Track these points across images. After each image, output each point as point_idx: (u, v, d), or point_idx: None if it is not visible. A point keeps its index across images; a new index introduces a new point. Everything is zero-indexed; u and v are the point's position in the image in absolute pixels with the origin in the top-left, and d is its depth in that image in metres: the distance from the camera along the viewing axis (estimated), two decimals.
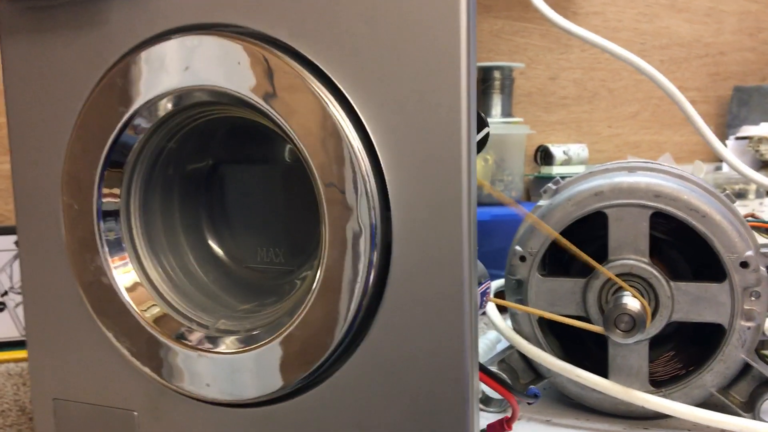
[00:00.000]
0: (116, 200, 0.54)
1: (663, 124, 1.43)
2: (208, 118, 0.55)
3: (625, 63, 0.83)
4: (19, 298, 1.04)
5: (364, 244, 0.46)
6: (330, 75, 0.47)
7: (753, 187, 1.23)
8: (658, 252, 0.69)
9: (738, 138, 1.34)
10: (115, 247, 0.54)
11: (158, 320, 0.54)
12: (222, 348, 0.52)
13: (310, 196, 0.57)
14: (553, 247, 0.70)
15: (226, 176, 0.63)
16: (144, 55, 0.50)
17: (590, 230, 0.70)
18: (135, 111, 0.52)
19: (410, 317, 0.46)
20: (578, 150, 1.31)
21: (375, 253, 0.46)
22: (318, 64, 0.47)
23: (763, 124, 1.34)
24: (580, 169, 1.29)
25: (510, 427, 0.55)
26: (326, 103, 0.46)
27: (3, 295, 1.03)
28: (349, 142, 0.45)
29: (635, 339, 0.64)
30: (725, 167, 1.37)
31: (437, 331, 0.45)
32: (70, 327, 0.57)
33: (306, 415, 0.50)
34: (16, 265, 1.04)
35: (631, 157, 1.39)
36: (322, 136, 0.46)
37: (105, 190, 0.53)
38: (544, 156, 1.31)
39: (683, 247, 0.72)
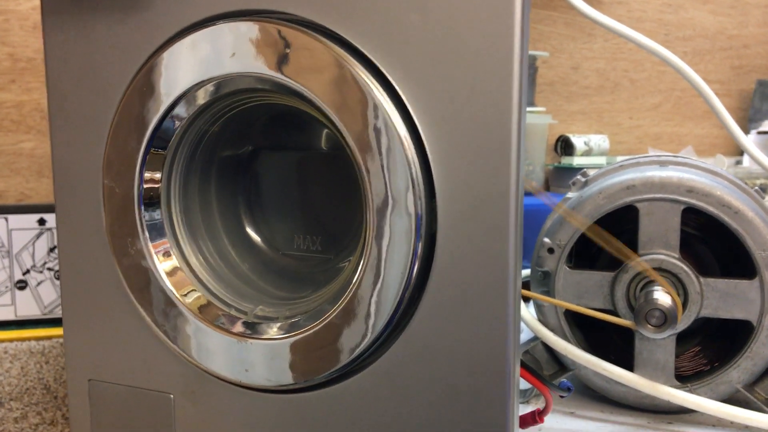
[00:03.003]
0: (157, 185, 0.55)
1: (684, 117, 1.42)
2: (250, 104, 0.55)
3: (649, 53, 0.82)
4: (41, 277, 1.04)
5: (408, 234, 0.46)
6: (377, 64, 0.47)
7: None
8: (686, 247, 0.69)
9: (760, 132, 1.33)
10: (156, 232, 0.55)
11: (198, 305, 0.54)
12: (261, 334, 0.52)
13: (348, 184, 0.57)
14: (581, 240, 0.70)
15: (265, 163, 0.62)
16: (189, 40, 0.50)
17: (617, 224, 0.70)
18: (179, 96, 0.51)
19: (452, 308, 0.46)
20: (599, 141, 1.31)
21: (420, 243, 0.46)
22: (365, 53, 0.47)
23: None
24: (601, 161, 1.28)
25: (542, 420, 0.55)
26: (373, 92, 0.46)
27: (25, 274, 1.04)
28: (396, 131, 0.45)
29: (666, 334, 0.64)
30: (746, 161, 1.36)
31: (480, 323, 0.46)
32: (107, 309, 0.57)
33: (343, 402, 0.50)
34: (39, 243, 1.04)
35: (652, 149, 1.38)
36: (368, 126, 0.46)
37: (147, 175, 0.53)
38: (564, 146, 1.30)
39: (712, 243, 0.72)
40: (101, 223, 0.56)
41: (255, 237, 0.63)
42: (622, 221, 0.70)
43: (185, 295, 0.54)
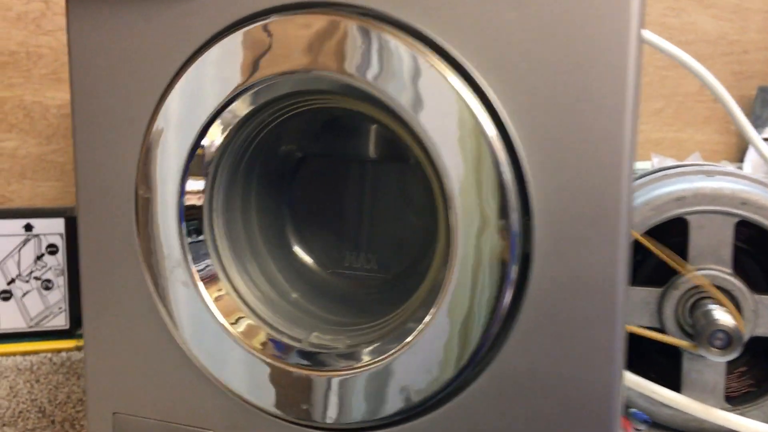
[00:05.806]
0: (200, 197, 0.48)
1: (686, 123, 1.41)
2: (306, 107, 0.49)
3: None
4: (27, 287, 0.97)
5: (501, 256, 0.41)
6: (466, 64, 0.42)
7: None
8: (735, 261, 0.66)
9: (765, 139, 1.32)
10: (199, 250, 0.48)
11: (247, 333, 0.48)
12: (322, 366, 0.46)
13: (412, 197, 0.52)
14: None
15: (314, 172, 0.57)
16: (242, 34, 0.44)
17: (660, 237, 0.67)
18: (231, 97, 0.46)
19: (549, 339, 0.42)
20: None
21: (513, 266, 0.41)
22: (452, 52, 0.42)
23: None
24: None
25: None
26: (462, 98, 0.41)
27: (9, 284, 0.97)
28: (490, 142, 0.40)
29: (732, 357, 0.61)
30: (746, 167, 1.35)
31: (581, 358, 0.41)
32: (137, 334, 0.51)
33: None
34: (25, 251, 0.97)
35: (655, 155, 1.36)
36: (458, 135, 0.41)
37: (189, 186, 0.47)
38: None
39: (760, 257, 0.69)
40: (132, 235, 0.49)
41: (301, 253, 0.57)
42: (665, 234, 0.67)
43: (234, 323, 0.48)
